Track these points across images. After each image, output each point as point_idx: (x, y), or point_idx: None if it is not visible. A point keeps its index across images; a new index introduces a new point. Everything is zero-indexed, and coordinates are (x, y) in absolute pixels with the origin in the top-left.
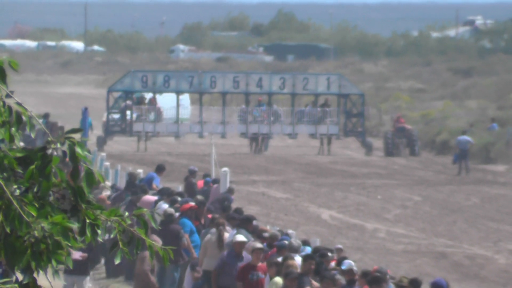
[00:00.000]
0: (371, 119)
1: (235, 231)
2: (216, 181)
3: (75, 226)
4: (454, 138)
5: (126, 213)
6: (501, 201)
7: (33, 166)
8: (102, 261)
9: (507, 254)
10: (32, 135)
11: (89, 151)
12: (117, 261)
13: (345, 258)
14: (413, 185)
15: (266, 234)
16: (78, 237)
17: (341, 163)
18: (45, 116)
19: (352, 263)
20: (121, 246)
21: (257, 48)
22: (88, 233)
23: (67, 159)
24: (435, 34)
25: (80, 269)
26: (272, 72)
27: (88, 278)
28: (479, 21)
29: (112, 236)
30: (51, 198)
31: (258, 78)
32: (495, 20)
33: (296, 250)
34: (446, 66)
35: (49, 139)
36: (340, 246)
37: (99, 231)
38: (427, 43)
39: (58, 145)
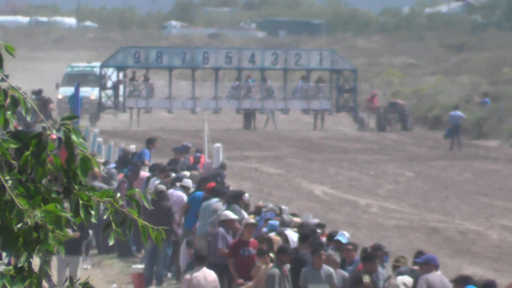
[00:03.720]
0: (363, 95)
1: (225, 206)
2: (198, 151)
3: (68, 215)
4: (446, 113)
5: (118, 194)
6: (493, 177)
7: (28, 152)
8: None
9: (499, 229)
10: (28, 118)
11: (84, 138)
12: (111, 242)
13: (335, 233)
14: (405, 161)
15: (265, 210)
16: (72, 219)
17: (334, 138)
18: (38, 92)
19: (346, 234)
20: (114, 227)
21: (249, 24)
22: (82, 214)
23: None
24: (427, 10)
25: (73, 249)
26: (264, 48)
27: (81, 258)
28: None
29: (105, 217)
30: (44, 181)
31: (250, 54)
32: None
33: (288, 225)
34: (438, 41)
35: (44, 124)
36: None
37: (93, 212)
38: (419, 19)
39: (54, 132)
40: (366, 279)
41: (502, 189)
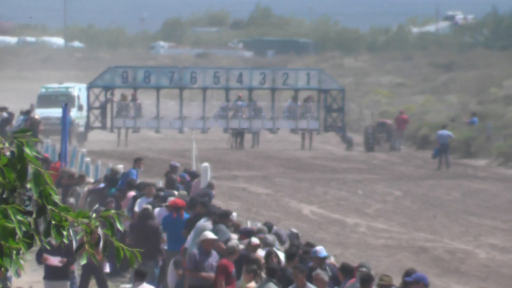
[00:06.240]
0: (351, 114)
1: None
2: (192, 174)
3: (13, 226)
4: (435, 132)
5: (94, 215)
6: (482, 196)
7: None
8: None
9: (488, 248)
10: None
11: (37, 152)
12: (83, 262)
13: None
14: (393, 180)
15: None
16: (43, 238)
17: (322, 158)
18: (27, 112)
19: (322, 248)
20: (87, 247)
21: (237, 44)
22: (53, 234)
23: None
24: (415, 29)
25: (60, 274)
26: (252, 67)
27: (69, 282)
28: (459, 16)
29: (78, 237)
30: (16, 200)
31: (238, 73)
32: (475, 15)
33: (270, 245)
34: (426, 60)
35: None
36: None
37: (64, 233)
38: (407, 38)
39: (7, 145)
40: None
41: (490, 208)
